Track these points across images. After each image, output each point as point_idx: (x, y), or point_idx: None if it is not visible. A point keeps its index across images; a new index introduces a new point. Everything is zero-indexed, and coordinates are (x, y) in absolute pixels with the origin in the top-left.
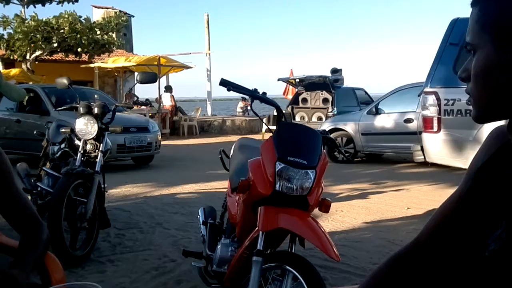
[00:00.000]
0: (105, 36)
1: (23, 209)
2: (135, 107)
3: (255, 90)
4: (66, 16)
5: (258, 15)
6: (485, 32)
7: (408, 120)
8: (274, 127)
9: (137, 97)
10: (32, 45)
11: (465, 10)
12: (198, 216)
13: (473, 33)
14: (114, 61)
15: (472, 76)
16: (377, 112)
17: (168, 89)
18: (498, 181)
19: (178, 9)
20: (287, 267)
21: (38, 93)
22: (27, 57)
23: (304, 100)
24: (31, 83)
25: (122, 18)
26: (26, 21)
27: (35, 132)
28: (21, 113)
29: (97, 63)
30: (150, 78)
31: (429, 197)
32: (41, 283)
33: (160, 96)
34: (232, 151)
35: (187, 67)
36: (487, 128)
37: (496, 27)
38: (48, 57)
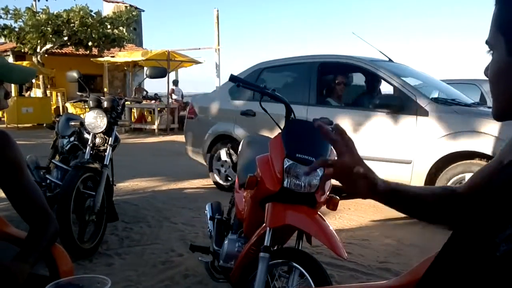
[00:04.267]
0: (116, 31)
1: (33, 201)
2: (144, 102)
3: (264, 86)
4: (77, 10)
5: (268, 10)
6: (500, 33)
7: None
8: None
9: (147, 92)
10: (43, 38)
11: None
12: (206, 211)
13: (491, 33)
14: (125, 55)
15: (489, 76)
16: None
17: (175, 83)
18: None
19: (188, 3)
20: (294, 263)
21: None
22: (38, 50)
23: None
24: (41, 76)
25: (133, 13)
26: (37, 14)
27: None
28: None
29: (106, 57)
30: (159, 73)
31: None
32: (49, 275)
33: (173, 90)
34: (240, 147)
35: (197, 62)
36: None
37: (509, 29)
38: (58, 50)
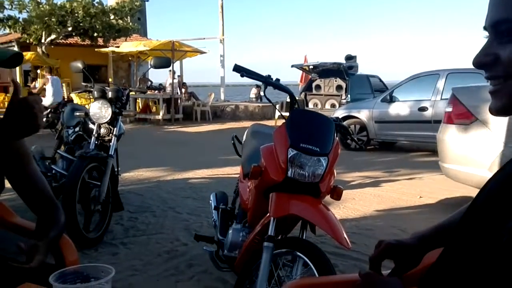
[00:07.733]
0: (120, 21)
1: (40, 190)
2: (148, 92)
3: (269, 76)
4: (80, 0)
5: (272, 0)
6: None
7: (423, 109)
8: (287, 114)
9: (151, 82)
10: (47, 29)
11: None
12: (210, 201)
13: None
14: (132, 45)
15: None
16: (391, 100)
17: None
18: None
19: None
20: (298, 253)
21: None
22: (42, 40)
23: (318, 87)
24: (46, 66)
25: (136, 3)
26: (41, 5)
27: None
28: None
29: (111, 47)
30: (163, 63)
31: (442, 186)
32: (55, 263)
33: (180, 82)
34: (244, 137)
35: (201, 52)
36: None
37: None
38: (63, 40)
